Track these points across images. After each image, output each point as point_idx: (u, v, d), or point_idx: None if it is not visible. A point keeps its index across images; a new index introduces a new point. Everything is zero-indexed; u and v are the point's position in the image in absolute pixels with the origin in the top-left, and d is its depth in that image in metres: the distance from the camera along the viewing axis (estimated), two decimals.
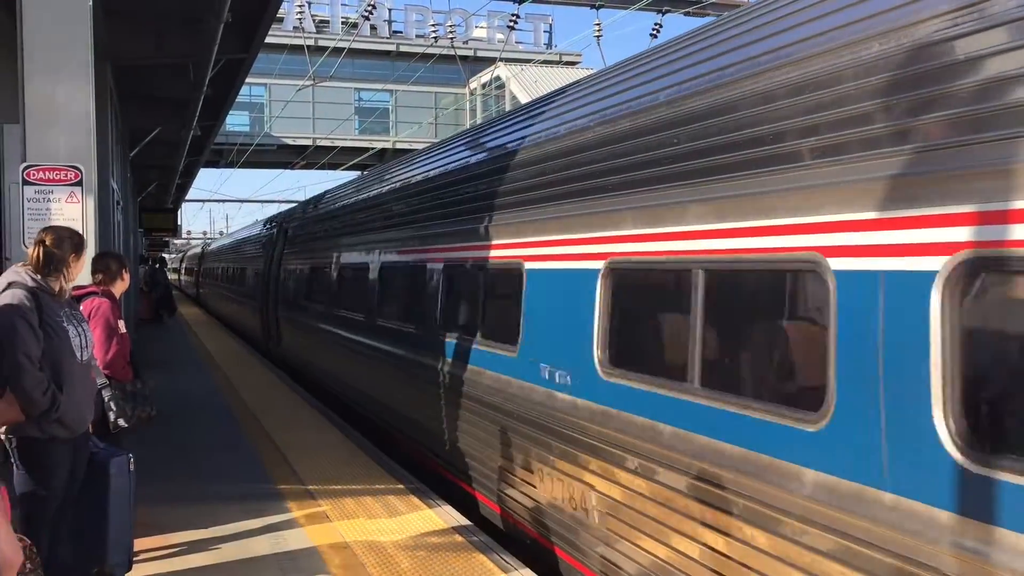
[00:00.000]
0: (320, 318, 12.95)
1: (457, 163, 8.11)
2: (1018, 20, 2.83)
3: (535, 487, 5.81)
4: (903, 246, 3.10)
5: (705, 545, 4.15)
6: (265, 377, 15.01)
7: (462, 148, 8.38)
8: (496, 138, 7.31)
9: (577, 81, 6.63)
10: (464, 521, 6.63)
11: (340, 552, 5.96)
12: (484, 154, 7.48)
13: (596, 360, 5.08)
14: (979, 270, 2.88)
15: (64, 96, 6.12)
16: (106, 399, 5.35)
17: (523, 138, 6.55)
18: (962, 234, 2.89)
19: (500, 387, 6.29)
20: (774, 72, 3.88)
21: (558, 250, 5.61)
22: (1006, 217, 2.77)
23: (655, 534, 4.46)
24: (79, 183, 5.89)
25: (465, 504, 7.28)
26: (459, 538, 6.22)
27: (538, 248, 5.87)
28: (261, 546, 6.09)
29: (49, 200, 5.81)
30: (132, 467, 4.95)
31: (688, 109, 4.45)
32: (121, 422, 5.41)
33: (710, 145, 4.19)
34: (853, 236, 3.33)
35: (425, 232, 8.50)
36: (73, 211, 5.86)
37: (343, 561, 5.79)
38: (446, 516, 6.75)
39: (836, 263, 3.40)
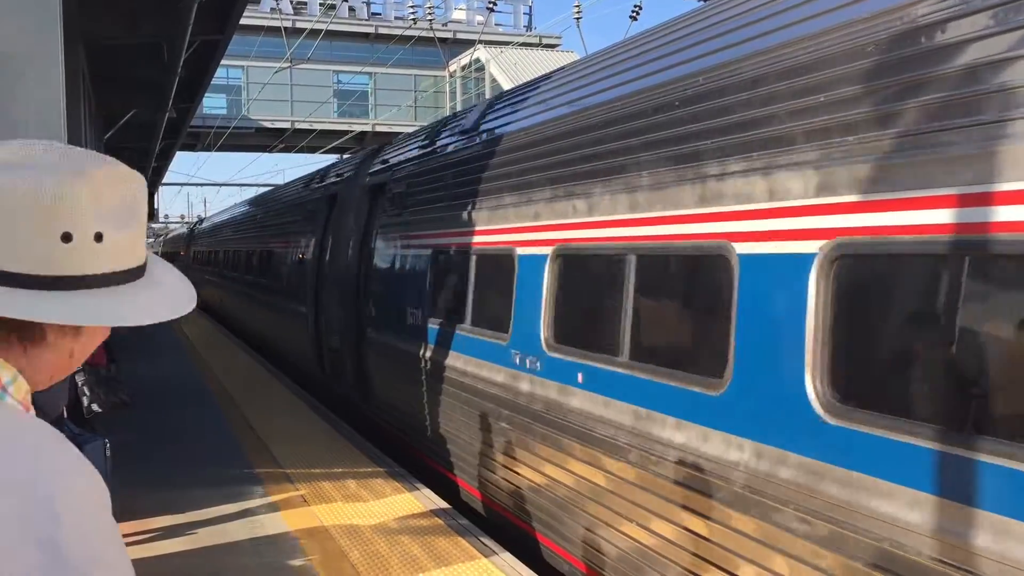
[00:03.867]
0: None
1: None
2: None
3: None
4: None
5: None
6: (244, 362, 14.92)
7: None
8: None
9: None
10: (443, 504, 6.62)
11: (317, 536, 5.94)
12: None
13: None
14: None
15: (34, 77, 6.01)
16: (80, 384, 5.29)
17: None
18: None
19: None
20: None
21: None
22: None
23: None
24: None
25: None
26: (439, 521, 6.21)
27: None
28: (238, 531, 6.06)
29: None
30: (108, 452, 4.90)
31: None
32: (95, 407, 5.35)
33: None
34: None
35: None
36: None
37: (320, 545, 5.77)
38: (425, 500, 6.74)
39: None
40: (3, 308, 1.12)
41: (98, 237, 1.17)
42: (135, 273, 1.25)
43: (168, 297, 1.32)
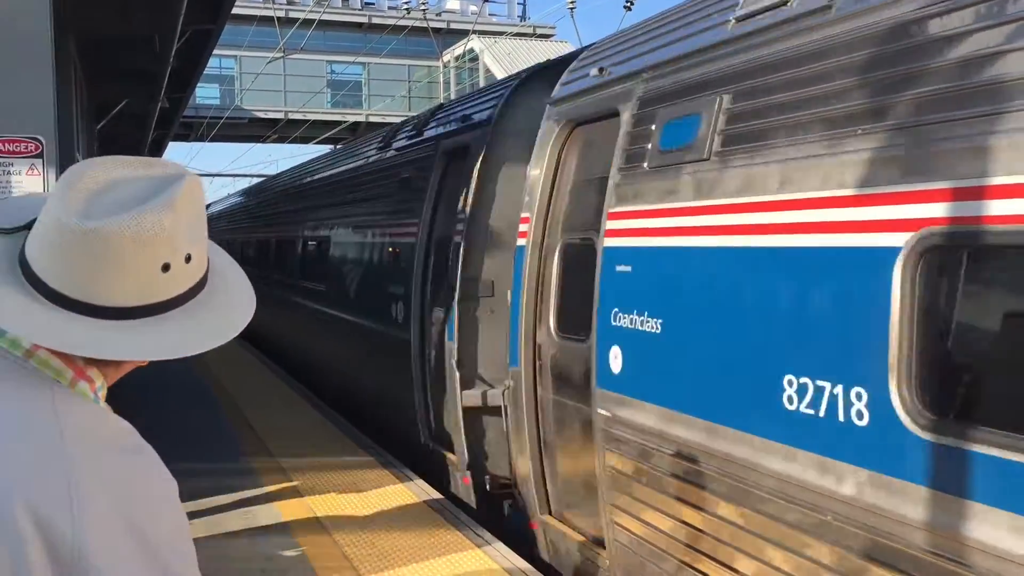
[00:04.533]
0: None
1: None
2: None
3: None
4: None
5: None
6: (240, 355, 14.91)
7: None
8: None
9: None
10: (436, 495, 6.64)
11: (311, 526, 5.95)
12: None
13: None
14: None
15: (24, 68, 5.98)
16: None
17: None
18: None
19: None
20: None
21: None
22: None
23: None
24: (40, 155, 5.77)
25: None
26: (432, 512, 6.23)
27: None
28: (232, 522, 6.07)
29: (9, 172, 5.69)
30: None
31: None
32: None
33: None
34: None
35: None
36: (34, 184, 5.75)
37: (314, 535, 5.78)
38: (418, 490, 6.75)
39: None
40: (113, 351, 1.21)
41: (188, 258, 1.25)
42: (206, 276, 1.33)
43: (236, 295, 1.38)
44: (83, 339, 1.19)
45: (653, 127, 4.51)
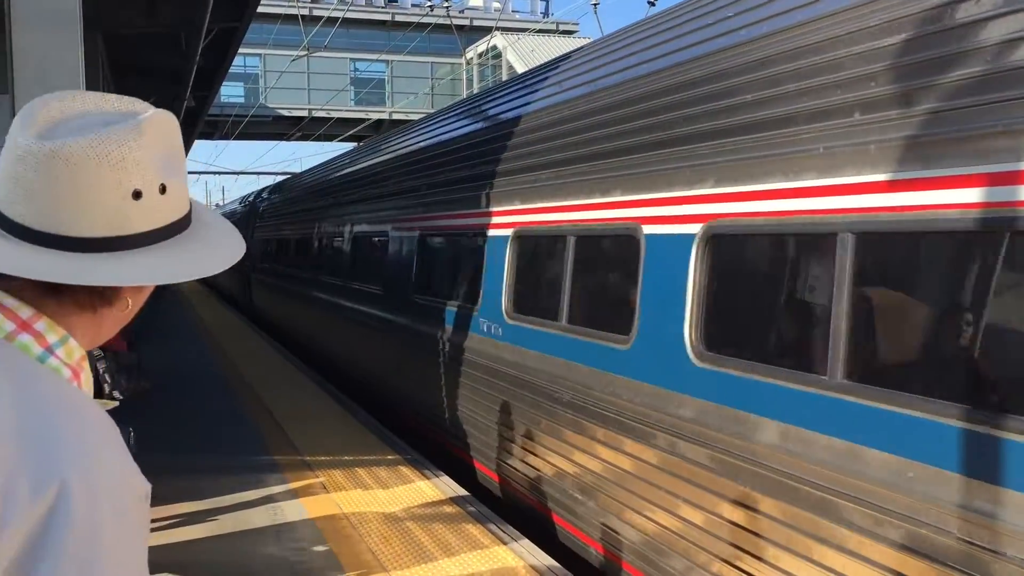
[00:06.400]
0: None
1: None
2: None
3: None
4: None
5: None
6: (262, 349, 14.98)
7: None
8: None
9: None
10: (462, 492, 6.63)
11: (336, 523, 5.96)
12: None
13: None
14: None
15: (53, 66, 6.02)
16: (100, 371, 5.31)
17: None
18: None
19: None
20: None
21: None
22: None
23: None
24: None
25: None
26: (458, 508, 6.22)
27: None
28: (258, 517, 6.09)
29: None
30: (132, 440, 4.93)
31: None
32: (116, 394, 5.37)
33: None
34: None
35: None
36: None
37: (339, 532, 5.78)
38: (444, 487, 6.74)
39: None
40: (87, 276, 1.09)
41: (162, 189, 1.16)
42: (188, 218, 1.24)
43: (224, 241, 1.30)
44: (45, 268, 1.08)
45: None
